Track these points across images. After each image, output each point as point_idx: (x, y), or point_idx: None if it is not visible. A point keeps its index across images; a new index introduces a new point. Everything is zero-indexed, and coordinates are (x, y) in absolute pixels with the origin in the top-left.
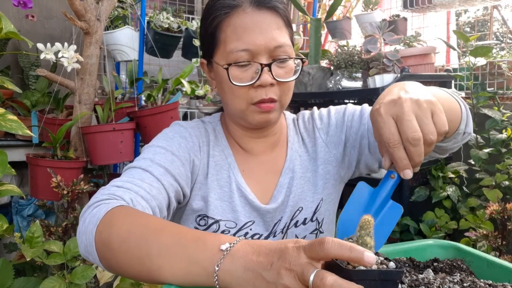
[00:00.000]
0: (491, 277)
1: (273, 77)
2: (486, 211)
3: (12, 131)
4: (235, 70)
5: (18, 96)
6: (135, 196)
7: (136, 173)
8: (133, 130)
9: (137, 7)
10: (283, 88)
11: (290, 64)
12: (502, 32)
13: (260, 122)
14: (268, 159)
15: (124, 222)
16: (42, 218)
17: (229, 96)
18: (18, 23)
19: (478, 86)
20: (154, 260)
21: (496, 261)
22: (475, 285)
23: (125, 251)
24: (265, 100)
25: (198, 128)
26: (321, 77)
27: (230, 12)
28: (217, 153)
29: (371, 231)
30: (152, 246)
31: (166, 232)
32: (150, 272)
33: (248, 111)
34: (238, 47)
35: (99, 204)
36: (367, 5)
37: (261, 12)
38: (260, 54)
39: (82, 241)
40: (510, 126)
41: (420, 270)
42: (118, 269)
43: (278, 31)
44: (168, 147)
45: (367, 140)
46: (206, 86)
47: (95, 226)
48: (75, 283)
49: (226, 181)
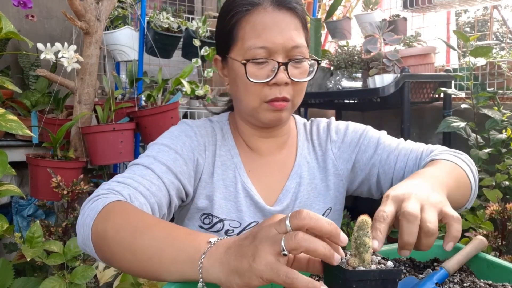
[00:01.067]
0: (491, 277)
1: (289, 76)
2: (486, 211)
3: (12, 131)
4: (251, 67)
5: (18, 96)
6: (133, 192)
7: (138, 169)
8: (133, 130)
9: (137, 7)
10: (297, 89)
11: (305, 65)
12: (502, 32)
13: (272, 120)
14: (275, 159)
15: (120, 216)
16: (42, 218)
17: (242, 93)
18: (18, 23)
19: (478, 86)
20: (145, 251)
21: (496, 261)
22: (475, 285)
23: (119, 242)
24: (279, 98)
25: (204, 127)
26: (321, 77)
27: (250, 10)
28: (223, 153)
29: (369, 231)
30: (144, 238)
31: (159, 227)
32: (141, 262)
33: (261, 109)
34: (257, 44)
35: (98, 198)
36: (367, 5)
37: (280, 12)
38: (278, 53)
39: (80, 233)
40: (510, 126)
41: (420, 270)
42: (112, 260)
43: (296, 32)
44: (172, 146)
45: (377, 170)
46: (206, 86)
47: (92, 219)
48: (75, 283)
49: (232, 181)
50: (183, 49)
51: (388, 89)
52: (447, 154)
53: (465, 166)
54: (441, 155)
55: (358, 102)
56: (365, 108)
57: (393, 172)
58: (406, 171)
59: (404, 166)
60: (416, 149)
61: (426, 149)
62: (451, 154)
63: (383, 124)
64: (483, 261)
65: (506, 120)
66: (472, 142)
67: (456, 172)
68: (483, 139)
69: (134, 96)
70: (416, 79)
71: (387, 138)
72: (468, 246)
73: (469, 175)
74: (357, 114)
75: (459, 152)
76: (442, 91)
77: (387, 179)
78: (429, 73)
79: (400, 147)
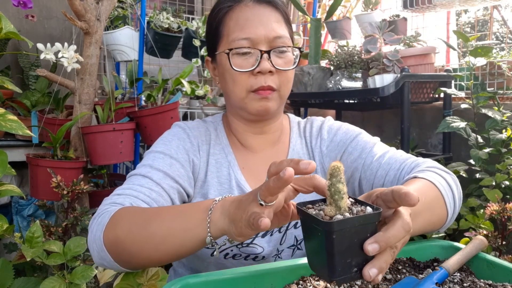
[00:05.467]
0: (491, 277)
1: (272, 64)
2: (486, 211)
3: (12, 131)
4: (236, 58)
5: (18, 96)
6: (135, 200)
7: (136, 179)
8: (133, 130)
9: (137, 7)
10: (282, 79)
11: (289, 56)
12: (502, 32)
13: (259, 110)
14: (267, 156)
15: (126, 219)
16: (42, 218)
17: (230, 85)
18: (18, 23)
19: (478, 86)
20: (158, 234)
21: (496, 261)
22: (475, 285)
23: (132, 240)
24: (264, 87)
25: (198, 128)
26: (321, 77)
27: (233, 5)
28: (217, 151)
29: (342, 177)
30: (153, 225)
31: (163, 212)
32: (159, 246)
33: (248, 99)
34: (240, 36)
35: (103, 213)
36: (367, 5)
37: (261, 6)
38: (261, 44)
39: (94, 249)
40: (510, 126)
41: (420, 270)
42: (132, 260)
43: (277, 24)
44: (167, 151)
45: (359, 175)
46: (206, 86)
47: (102, 232)
48: (75, 283)
49: (226, 178)
50: (183, 49)
51: (388, 89)
52: (431, 173)
53: (446, 188)
54: (424, 173)
55: (358, 102)
56: (365, 108)
57: (374, 179)
58: (386, 180)
59: (384, 175)
60: (402, 160)
61: (411, 162)
62: (435, 173)
63: (383, 124)
64: (483, 261)
65: (506, 120)
66: (472, 142)
67: (432, 196)
68: (483, 139)
69: (134, 96)
70: (416, 79)
71: (378, 145)
72: (468, 246)
73: (446, 199)
74: (357, 114)
75: (446, 171)
76: (442, 91)
77: (368, 185)
78: (429, 73)
79: (387, 155)
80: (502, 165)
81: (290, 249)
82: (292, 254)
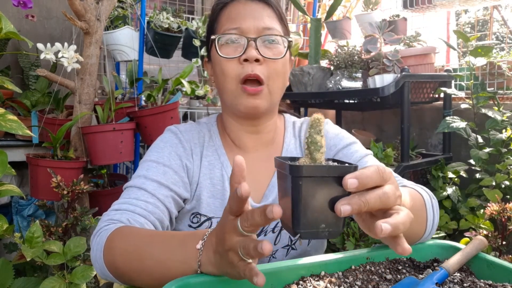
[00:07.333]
0: (491, 277)
1: (259, 53)
2: (486, 211)
3: (12, 131)
4: (225, 47)
5: (18, 96)
6: (132, 216)
7: (132, 192)
8: (133, 130)
9: (137, 7)
10: (270, 70)
11: (279, 48)
12: (502, 32)
13: (248, 107)
14: (261, 156)
15: (121, 244)
16: (42, 218)
17: (221, 78)
18: (18, 23)
19: (478, 86)
20: (153, 270)
21: (496, 261)
22: (475, 285)
23: (129, 269)
24: (251, 75)
25: (190, 131)
26: (321, 77)
27: (227, 3)
28: (210, 153)
29: (321, 129)
30: (146, 257)
31: (154, 244)
32: (154, 278)
33: (237, 93)
34: (230, 26)
35: (101, 232)
36: (367, 5)
37: (253, 3)
38: (249, 33)
39: (97, 267)
40: (510, 126)
41: (420, 270)
42: (133, 282)
43: (269, 18)
44: (160, 160)
45: None
46: (206, 86)
47: (101, 253)
48: (75, 283)
49: (219, 179)
50: (183, 49)
51: (388, 89)
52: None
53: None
54: (412, 185)
55: (358, 102)
56: (365, 108)
57: None
58: None
59: None
60: None
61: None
62: (423, 189)
63: (383, 124)
64: (483, 261)
65: (506, 120)
66: (472, 142)
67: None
68: (483, 139)
69: (134, 96)
70: (416, 79)
71: (369, 157)
72: (468, 246)
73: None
74: (357, 114)
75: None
76: (442, 91)
77: None
78: (429, 73)
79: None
80: (502, 165)
81: (284, 249)
82: (286, 254)
